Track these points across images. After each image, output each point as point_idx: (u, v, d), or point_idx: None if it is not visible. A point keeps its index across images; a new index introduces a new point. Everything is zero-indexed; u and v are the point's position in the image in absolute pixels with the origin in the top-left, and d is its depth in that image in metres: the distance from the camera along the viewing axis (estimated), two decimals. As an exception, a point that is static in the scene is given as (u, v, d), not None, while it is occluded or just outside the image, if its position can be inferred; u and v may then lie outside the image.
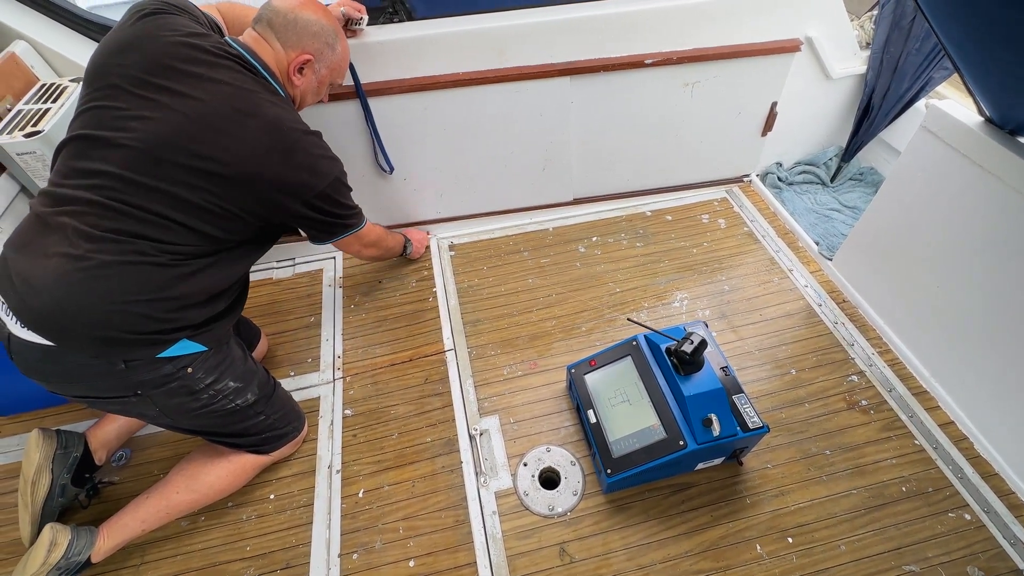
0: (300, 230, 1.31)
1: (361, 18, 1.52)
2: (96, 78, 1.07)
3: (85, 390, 1.13)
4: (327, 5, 1.48)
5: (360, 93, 1.63)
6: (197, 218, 1.07)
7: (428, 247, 2.08)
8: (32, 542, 1.27)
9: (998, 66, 1.08)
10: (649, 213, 2.19)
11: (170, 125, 1.03)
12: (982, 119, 1.33)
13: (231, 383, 1.24)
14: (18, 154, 1.45)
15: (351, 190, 1.32)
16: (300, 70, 1.22)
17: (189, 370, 1.15)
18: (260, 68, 1.16)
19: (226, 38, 1.17)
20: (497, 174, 2.00)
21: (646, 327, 1.41)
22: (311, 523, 1.40)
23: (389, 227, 2.08)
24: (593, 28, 1.68)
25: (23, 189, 1.57)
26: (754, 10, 1.74)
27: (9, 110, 1.52)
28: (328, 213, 1.26)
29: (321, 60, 1.25)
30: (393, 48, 1.60)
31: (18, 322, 1.01)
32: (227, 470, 1.36)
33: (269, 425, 1.38)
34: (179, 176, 1.04)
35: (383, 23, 1.61)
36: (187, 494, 1.33)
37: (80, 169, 1.03)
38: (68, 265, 0.98)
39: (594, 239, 2.10)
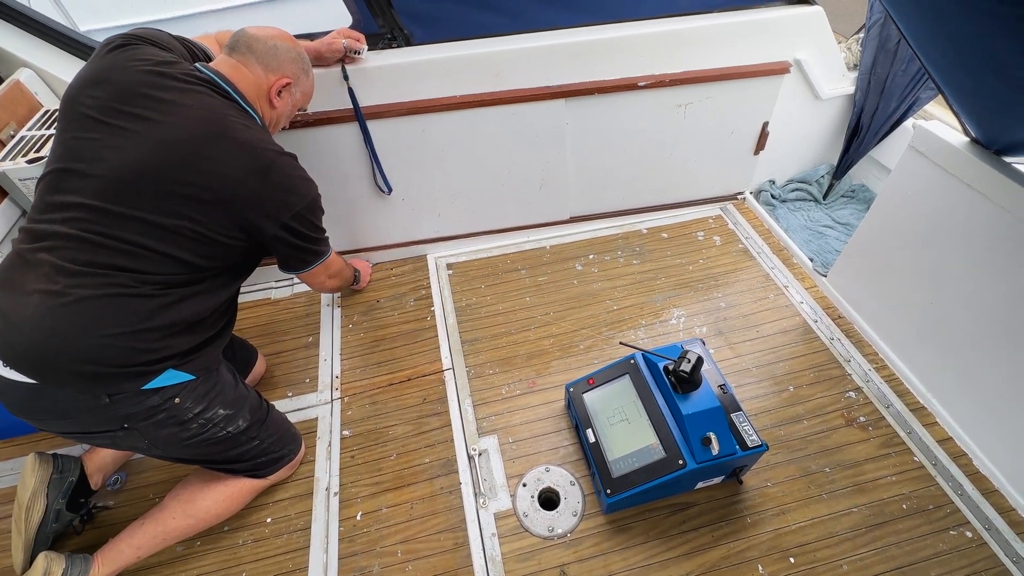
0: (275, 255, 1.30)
1: (361, 48, 1.56)
2: (69, 111, 1.07)
3: (73, 426, 1.12)
4: (330, 33, 1.53)
5: (359, 115, 1.66)
6: (175, 245, 1.06)
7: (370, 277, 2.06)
8: (24, 569, 1.25)
9: (982, 90, 1.11)
10: (645, 231, 2.22)
11: (143, 152, 1.03)
12: (968, 139, 1.36)
13: (221, 411, 1.23)
14: (21, 180, 1.46)
15: (324, 213, 1.31)
16: (280, 93, 1.25)
17: (177, 400, 1.14)
18: (232, 92, 1.16)
19: (196, 64, 1.18)
20: (494, 194, 2.02)
21: (638, 348, 1.42)
22: (308, 547, 1.38)
23: (384, 248, 2.11)
24: (587, 52, 1.72)
25: (24, 214, 1.58)
26: (744, 33, 1.79)
27: (12, 136, 1.54)
28: (304, 236, 1.24)
29: (298, 85, 1.29)
30: (392, 73, 1.64)
31: (1, 361, 1.00)
32: (224, 495, 1.35)
33: (264, 450, 1.37)
34: (154, 203, 1.03)
35: (382, 48, 1.65)
36: (183, 520, 1.31)
37: (55, 203, 1.03)
38: (48, 302, 0.98)
39: (591, 257, 2.12)
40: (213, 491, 1.34)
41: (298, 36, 1.54)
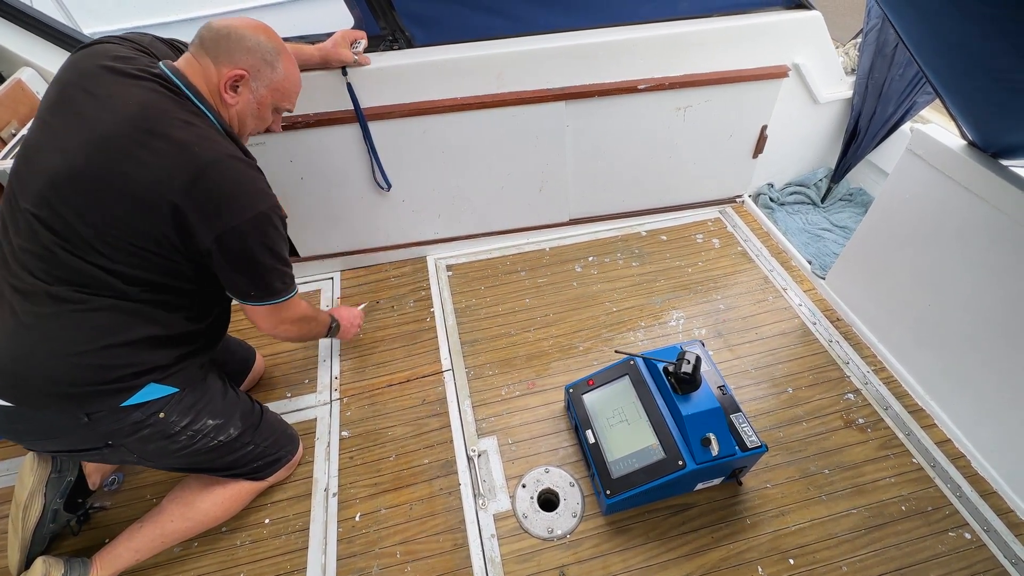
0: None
1: (357, 41, 1.55)
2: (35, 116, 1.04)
3: (58, 445, 1.11)
4: (332, 36, 1.52)
5: (358, 112, 1.66)
6: (113, 258, 0.98)
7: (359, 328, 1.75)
8: (21, 570, 1.24)
9: (979, 93, 1.12)
10: (644, 233, 2.22)
11: (69, 154, 0.95)
12: (965, 142, 1.37)
13: (210, 421, 1.19)
14: (21, 177, 1.46)
15: (287, 242, 1.14)
16: (234, 87, 1.08)
17: (161, 415, 1.10)
18: (183, 87, 1.03)
19: (160, 62, 1.07)
20: (494, 195, 2.03)
21: (631, 354, 1.42)
22: (307, 548, 1.37)
23: (384, 249, 2.11)
24: (587, 55, 1.73)
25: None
26: (743, 38, 1.80)
27: (14, 135, 1.54)
28: (245, 260, 1.06)
29: (258, 78, 1.10)
30: (393, 74, 1.64)
31: None
32: (223, 497, 1.34)
33: (260, 454, 1.36)
34: (84, 211, 0.95)
35: (383, 50, 1.66)
36: (182, 522, 1.30)
37: (8, 217, 0.99)
38: (10, 323, 0.96)
39: (590, 259, 2.12)
40: (212, 494, 1.33)
41: (301, 38, 1.56)
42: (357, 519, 1.42)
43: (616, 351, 1.47)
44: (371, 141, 1.74)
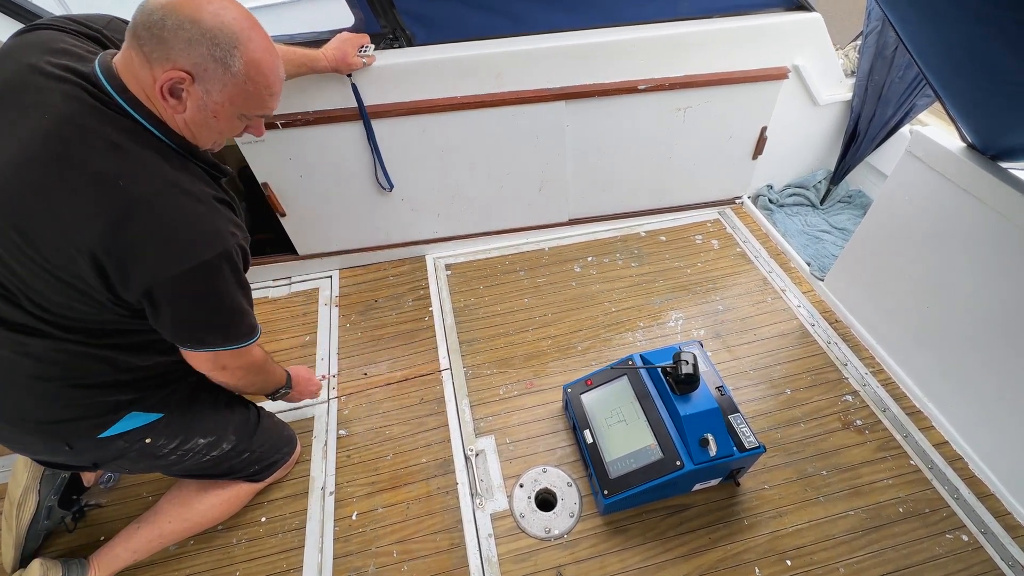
0: None
1: (364, 46, 1.55)
2: None
3: (50, 460, 1.09)
4: (333, 40, 1.49)
5: (362, 111, 1.65)
6: (50, 310, 0.87)
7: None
8: (15, 568, 1.23)
9: (978, 95, 1.12)
10: (644, 233, 2.22)
11: None
12: (964, 145, 1.37)
13: (200, 440, 1.15)
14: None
15: (241, 286, 0.94)
16: (172, 93, 0.82)
17: (147, 440, 1.06)
18: (114, 94, 0.82)
19: (100, 54, 0.87)
20: (494, 195, 2.03)
21: (629, 368, 1.43)
22: (303, 547, 1.37)
23: (383, 248, 2.10)
24: (588, 55, 1.73)
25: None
26: (743, 39, 1.80)
27: None
28: (181, 318, 0.90)
29: (207, 80, 0.82)
30: (393, 73, 1.64)
31: None
32: (221, 499, 1.33)
33: (256, 459, 1.34)
34: (7, 243, 0.82)
35: (383, 48, 1.65)
36: (180, 524, 1.30)
37: None
38: None
39: (589, 259, 2.12)
40: (209, 495, 1.32)
41: (303, 40, 1.55)
42: (354, 518, 1.42)
43: (612, 368, 1.47)
44: (374, 141, 1.73)
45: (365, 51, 1.55)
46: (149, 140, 0.85)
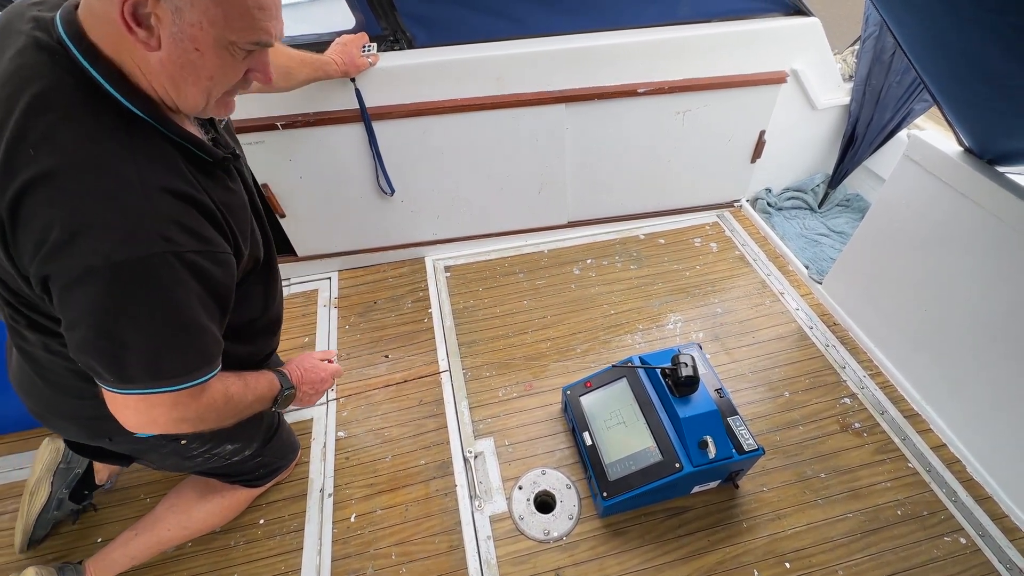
0: None
1: (367, 46, 1.56)
2: None
3: (99, 446, 1.06)
4: (334, 44, 1.50)
5: (364, 116, 1.66)
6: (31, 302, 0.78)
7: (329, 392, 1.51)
8: (22, 551, 1.30)
9: (975, 99, 1.13)
10: (643, 236, 2.23)
11: None
12: (962, 149, 1.38)
13: (229, 446, 1.15)
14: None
15: (167, 312, 0.72)
16: (139, 21, 0.64)
17: (183, 442, 1.06)
18: (68, 42, 0.67)
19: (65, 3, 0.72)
20: (493, 197, 2.03)
21: (629, 367, 1.43)
22: (301, 549, 1.37)
23: (383, 249, 2.10)
24: (588, 58, 1.74)
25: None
26: (742, 43, 1.81)
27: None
28: (81, 319, 0.70)
29: None
30: (393, 74, 1.65)
31: None
32: (220, 505, 1.33)
33: (264, 464, 1.36)
34: None
35: (384, 50, 1.66)
36: (178, 531, 1.29)
37: None
38: (12, 359, 0.95)
39: (589, 261, 2.12)
40: (209, 502, 1.32)
41: (304, 41, 1.55)
42: (352, 520, 1.41)
43: (614, 366, 1.47)
44: (375, 143, 1.74)
45: (368, 51, 1.56)
46: (97, 102, 0.68)
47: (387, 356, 1.81)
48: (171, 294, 0.72)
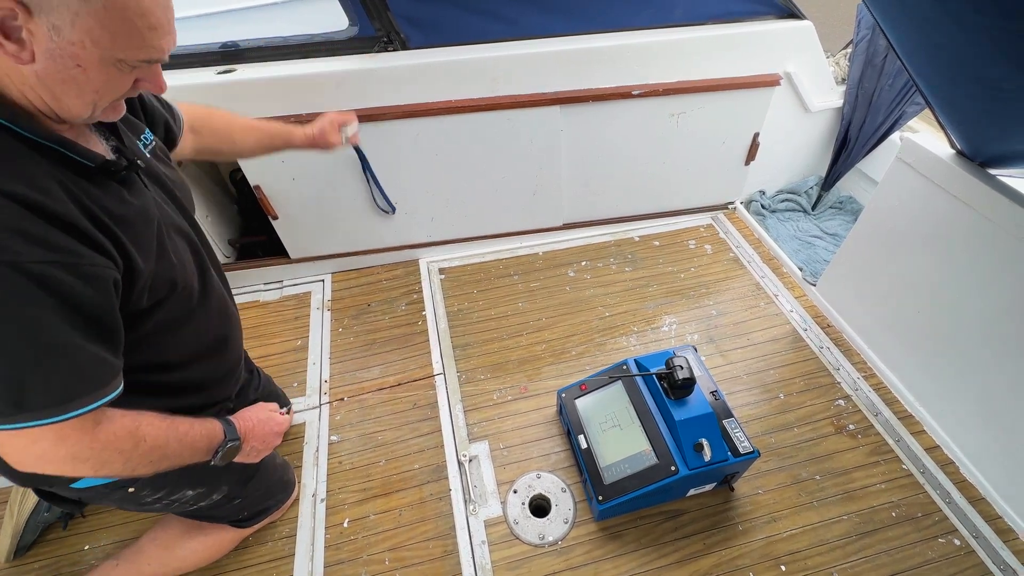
0: None
1: (347, 125, 1.45)
2: None
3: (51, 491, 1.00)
4: (318, 119, 1.39)
5: (362, 157, 1.72)
6: None
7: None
8: (8, 558, 1.27)
9: (968, 102, 1.14)
10: (637, 238, 2.23)
11: None
12: (954, 151, 1.39)
13: (189, 492, 1.05)
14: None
15: (39, 331, 0.65)
16: (7, 34, 0.59)
17: (130, 490, 0.96)
18: None
19: None
20: (488, 199, 2.02)
21: (625, 375, 1.43)
22: (294, 555, 1.35)
23: (376, 252, 2.08)
24: (583, 60, 1.74)
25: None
26: (736, 46, 1.82)
27: None
28: None
29: (48, 10, 0.58)
30: (387, 76, 1.64)
31: None
32: (204, 545, 1.27)
33: (247, 505, 1.27)
34: None
35: (378, 52, 1.65)
36: (158, 566, 1.24)
37: None
38: None
39: (583, 263, 2.12)
40: (193, 540, 1.25)
41: (302, 43, 1.52)
42: (345, 525, 1.40)
43: (610, 376, 1.45)
44: (371, 171, 1.76)
45: (346, 131, 1.45)
46: None
47: (381, 360, 1.79)
48: (19, 311, 0.63)
